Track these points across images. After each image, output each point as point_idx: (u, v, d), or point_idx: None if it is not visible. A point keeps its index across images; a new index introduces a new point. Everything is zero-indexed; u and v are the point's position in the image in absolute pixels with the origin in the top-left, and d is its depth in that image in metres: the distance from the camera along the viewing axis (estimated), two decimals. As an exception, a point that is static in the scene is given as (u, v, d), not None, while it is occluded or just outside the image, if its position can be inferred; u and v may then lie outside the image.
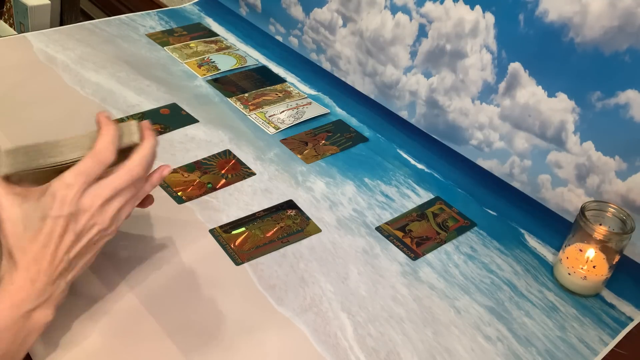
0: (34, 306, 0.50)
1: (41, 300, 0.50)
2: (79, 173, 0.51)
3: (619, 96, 0.71)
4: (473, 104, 0.87)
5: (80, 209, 0.51)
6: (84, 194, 0.51)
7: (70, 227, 0.51)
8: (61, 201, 0.50)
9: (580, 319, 0.67)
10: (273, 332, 0.60)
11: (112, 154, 0.53)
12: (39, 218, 0.50)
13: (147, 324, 0.59)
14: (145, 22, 1.20)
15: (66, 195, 0.50)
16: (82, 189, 0.51)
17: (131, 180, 0.54)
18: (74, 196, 0.51)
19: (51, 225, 0.50)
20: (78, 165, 0.51)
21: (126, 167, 0.54)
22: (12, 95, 0.91)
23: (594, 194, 0.76)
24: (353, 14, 1.01)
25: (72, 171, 0.51)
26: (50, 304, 0.51)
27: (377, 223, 0.77)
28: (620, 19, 0.69)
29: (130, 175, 0.54)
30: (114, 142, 0.53)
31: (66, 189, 0.50)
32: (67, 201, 0.50)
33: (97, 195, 0.52)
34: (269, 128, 0.92)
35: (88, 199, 0.52)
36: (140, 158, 0.55)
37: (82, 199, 0.51)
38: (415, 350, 0.61)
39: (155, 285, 0.63)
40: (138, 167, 0.55)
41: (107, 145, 0.53)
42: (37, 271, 0.50)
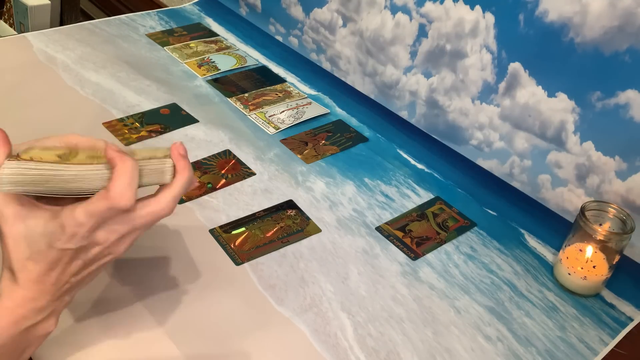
0: (35, 322, 0.48)
1: (43, 316, 0.48)
2: (91, 215, 0.46)
3: (619, 96, 0.71)
4: (473, 104, 0.87)
5: (92, 242, 0.47)
6: (98, 229, 0.47)
7: (80, 257, 0.48)
8: (71, 236, 0.46)
9: (580, 319, 0.67)
10: (273, 332, 0.60)
11: (129, 201, 0.46)
12: (46, 244, 0.46)
13: (147, 324, 0.59)
14: (145, 22, 1.20)
15: (76, 232, 0.46)
16: (94, 227, 0.47)
17: (155, 221, 0.49)
18: (84, 234, 0.46)
19: (58, 255, 0.47)
20: (91, 206, 0.46)
21: (152, 208, 0.49)
22: (12, 95, 0.91)
23: (594, 194, 0.76)
24: (353, 14, 1.01)
25: (85, 210, 0.46)
26: (53, 316, 0.49)
27: (377, 223, 0.77)
28: (620, 19, 0.69)
29: (155, 217, 0.49)
30: (131, 185, 0.46)
31: (76, 227, 0.46)
32: (76, 237, 0.46)
33: (113, 231, 0.48)
34: (269, 128, 0.92)
35: (103, 233, 0.47)
36: (170, 199, 0.49)
37: (97, 233, 0.47)
38: (415, 350, 0.61)
39: (155, 285, 0.63)
40: (166, 210, 0.49)
41: (123, 191, 0.46)
42: (39, 291, 0.47)
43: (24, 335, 0.48)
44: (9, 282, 0.48)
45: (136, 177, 0.47)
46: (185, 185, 0.51)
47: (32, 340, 0.49)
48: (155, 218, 0.49)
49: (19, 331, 0.47)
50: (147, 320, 0.59)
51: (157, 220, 0.49)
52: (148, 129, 0.87)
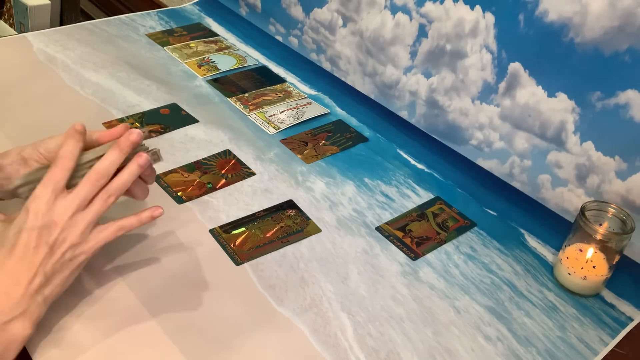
0: (9, 318, 0.50)
1: (17, 313, 0.51)
2: (45, 183, 0.53)
3: (619, 96, 0.71)
4: (473, 104, 0.87)
5: (52, 221, 0.53)
6: (55, 205, 0.53)
7: (44, 239, 0.52)
8: (34, 214, 0.52)
9: (580, 319, 0.67)
10: (273, 332, 0.60)
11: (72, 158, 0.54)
12: (15, 232, 0.52)
13: (147, 324, 0.59)
14: (145, 22, 1.20)
15: (37, 207, 0.53)
16: (51, 198, 0.53)
17: (96, 186, 0.55)
18: (44, 206, 0.53)
19: (26, 238, 0.52)
20: (45, 175, 0.53)
21: (89, 175, 0.55)
22: (12, 95, 0.91)
23: (594, 194, 0.76)
24: (353, 14, 1.01)
25: (40, 183, 0.53)
26: (27, 317, 0.51)
27: (377, 223, 0.77)
28: (620, 19, 0.69)
29: (94, 181, 0.55)
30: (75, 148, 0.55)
31: (36, 201, 0.53)
32: (39, 213, 0.52)
33: (66, 207, 0.53)
34: (269, 128, 0.92)
35: (58, 209, 0.53)
36: (103, 166, 0.55)
37: (53, 209, 0.53)
38: (415, 350, 0.61)
39: (155, 285, 0.63)
40: (101, 174, 0.55)
41: (67, 152, 0.54)
42: (12, 284, 0.51)
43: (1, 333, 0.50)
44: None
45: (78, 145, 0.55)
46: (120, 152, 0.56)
47: (9, 342, 0.50)
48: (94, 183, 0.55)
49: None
50: (147, 321, 0.59)
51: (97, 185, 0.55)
52: (148, 129, 0.87)
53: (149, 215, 0.59)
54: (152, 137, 0.86)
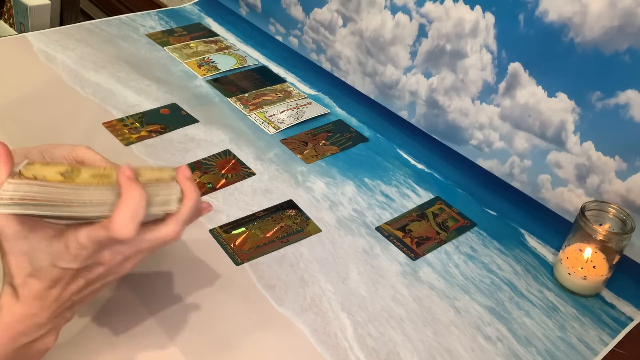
0: (33, 338, 0.47)
1: (42, 333, 0.48)
2: (93, 240, 0.45)
3: (619, 96, 0.71)
4: (473, 104, 0.87)
5: (96, 263, 0.47)
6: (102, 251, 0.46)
7: (83, 275, 0.47)
8: (74, 256, 0.45)
9: (580, 319, 0.67)
10: (273, 332, 0.60)
11: (130, 233, 0.45)
12: (48, 262, 0.45)
13: (147, 323, 0.59)
14: (145, 22, 1.20)
15: (79, 253, 0.45)
16: (96, 251, 0.46)
17: (160, 245, 0.49)
18: (87, 255, 0.46)
19: (60, 274, 0.46)
20: (93, 231, 0.45)
21: (157, 233, 0.48)
22: (12, 95, 0.91)
23: (594, 194, 0.76)
24: (353, 14, 1.01)
25: (87, 234, 0.45)
26: (52, 333, 0.49)
27: (377, 223, 0.77)
28: (620, 19, 0.69)
29: (160, 242, 0.48)
30: (134, 218, 0.45)
31: (79, 249, 0.45)
32: (80, 258, 0.46)
33: (118, 253, 0.47)
34: (269, 128, 0.92)
35: (108, 254, 0.47)
36: (177, 225, 0.48)
37: (101, 254, 0.46)
38: (415, 350, 0.61)
39: (155, 285, 0.63)
40: (172, 236, 0.48)
41: (125, 223, 0.44)
42: (40, 307, 0.47)
43: (22, 351, 0.47)
44: (9, 297, 0.47)
45: (141, 210, 0.45)
46: (192, 209, 0.50)
47: (32, 356, 0.48)
48: (162, 243, 0.48)
49: (17, 347, 0.47)
50: (146, 321, 0.59)
51: (163, 244, 0.49)
52: (148, 129, 0.87)
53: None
54: (152, 137, 0.86)
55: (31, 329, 0.47)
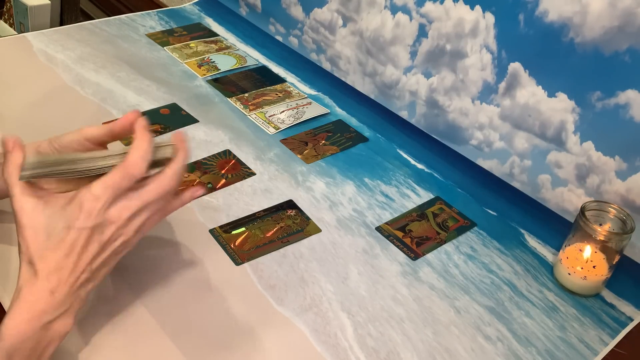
0: (53, 317, 0.49)
1: (61, 311, 0.49)
2: (107, 186, 0.49)
3: (619, 96, 0.71)
4: (473, 104, 0.87)
5: (106, 220, 0.50)
6: (111, 206, 0.50)
7: (95, 238, 0.50)
8: (88, 213, 0.49)
9: (580, 319, 0.67)
10: (273, 332, 0.60)
11: (142, 169, 0.51)
12: (63, 227, 0.49)
13: (147, 323, 0.59)
14: (145, 22, 1.20)
15: (93, 207, 0.49)
16: (109, 201, 0.50)
17: (162, 194, 0.53)
18: (100, 208, 0.49)
19: (75, 236, 0.49)
20: (107, 178, 0.50)
21: (157, 182, 0.53)
22: (12, 95, 0.91)
23: (594, 194, 0.76)
24: (353, 14, 1.01)
25: (101, 183, 0.49)
26: (70, 313, 0.50)
27: (377, 223, 0.77)
28: (620, 19, 0.69)
29: (161, 189, 0.53)
30: (146, 156, 0.51)
31: (94, 201, 0.49)
32: (93, 213, 0.49)
33: (125, 208, 0.51)
34: (269, 128, 0.92)
35: (116, 211, 0.50)
36: (172, 173, 0.53)
37: (110, 210, 0.50)
38: (415, 350, 0.61)
39: (155, 285, 0.63)
40: (170, 182, 0.53)
41: (139, 160, 0.51)
42: (57, 281, 0.49)
43: (44, 331, 0.49)
44: (27, 275, 0.49)
45: (150, 152, 0.52)
46: (184, 160, 0.55)
47: (51, 339, 0.50)
48: (162, 191, 0.53)
49: (40, 326, 0.48)
50: (146, 320, 0.59)
51: (162, 193, 0.53)
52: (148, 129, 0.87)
53: (190, 196, 0.58)
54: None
55: (51, 305, 0.49)
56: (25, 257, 0.49)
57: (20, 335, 0.47)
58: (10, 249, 0.64)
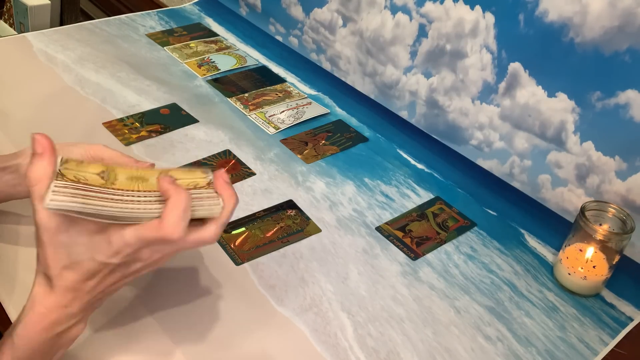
0: (66, 327, 0.48)
1: (74, 322, 0.49)
2: (140, 239, 0.46)
3: (619, 96, 0.71)
4: (473, 104, 0.87)
5: (135, 259, 0.48)
6: (144, 249, 0.47)
7: (120, 270, 0.48)
8: (116, 252, 0.47)
9: (580, 319, 0.67)
10: (273, 332, 0.60)
11: (180, 234, 0.46)
12: (88, 256, 0.46)
13: (147, 323, 0.59)
14: (145, 22, 1.20)
15: (122, 250, 0.47)
16: (140, 248, 0.47)
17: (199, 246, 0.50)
18: (130, 252, 0.47)
19: (99, 267, 0.47)
20: (142, 231, 0.46)
21: (200, 238, 0.49)
22: (12, 95, 0.91)
23: (594, 194, 0.76)
24: (353, 14, 1.01)
25: (135, 233, 0.46)
26: (83, 321, 0.50)
27: (377, 223, 0.77)
28: (620, 19, 0.69)
29: (201, 244, 0.50)
30: (184, 219, 0.47)
31: (124, 246, 0.46)
32: (121, 254, 0.47)
33: (158, 251, 0.48)
34: (269, 128, 0.92)
35: (148, 252, 0.48)
36: (218, 229, 0.50)
37: (141, 252, 0.48)
38: (415, 350, 0.61)
39: (155, 285, 0.63)
40: (212, 239, 0.50)
41: (176, 224, 0.46)
42: (73, 298, 0.48)
43: (55, 339, 0.48)
44: (43, 287, 0.48)
45: (189, 211, 0.47)
46: (232, 213, 0.51)
47: (63, 343, 0.50)
48: (201, 244, 0.50)
49: (51, 336, 0.48)
50: (147, 320, 0.59)
51: (202, 245, 0.50)
52: (148, 129, 0.87)
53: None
54: (152, 137, 0.86)
55: (63, 318, 0.48)
56: (41, 269, 0.48)
57: (33, 344, 0.47)
58: (14, 250, 0.64)
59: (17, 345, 0.47)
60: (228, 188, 0.51)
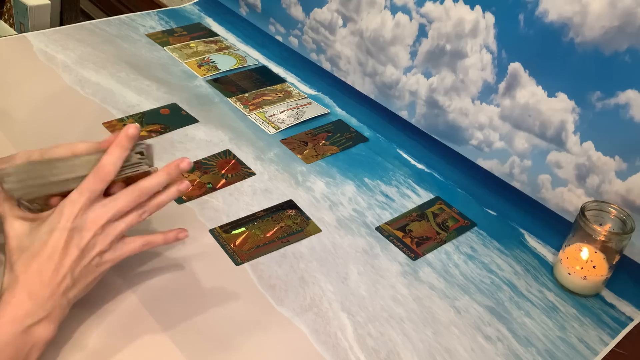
0: (35, 321, 0.50)
1: (42, 315, 0.50)
2: (82, 190, 0.53)
3: (619, 96, 0.71)
4: (473, 104, 0.87)
5: (84, 225, 0.53)
6: (88, 210, 0.53)
7: (75, 242, 0.53)
8: (67, 216, 0.52)
9: (580, 319, 0.67)
10: (273, 332, 0.60)
11: (112, 172, 0.54)
12: (46, 231, 0.52)
13: (147, 323, 0.59)
14: (145, 22, 1.20)
15: (71, 210, 0.53)
16: (86, 205, 0.53)
17: (133, 203, 0.56)
18: (78, 211, 0.53)
19: (57, 237, 0.52)
20: (82, 183, 0.54)
21: (129, 190, 0.55)
22: (12, 95, 0.91)
23: (594, 194, 0.76)
24: (353, 14, 1.01)
25: (77, 189, 0.53)
26: (52, 320, 0.51)
27: (377, 223, 0.77)
28: (620, 19, 0.69)
29: (132, 198, 0.55)
30: (117, 161, 0.55)
31: (71, 205, 0.53)
32: (72, 216, 0.52)
33: (101, 215, 0.54)
34: (269, 128, 0.92)
35: (92, 215, 0.53)
36: (146, 186, 0.56)
37: (87, 214, 0.53)
38: (415, 350, 0.61)
39: (156, 285, 0.63)
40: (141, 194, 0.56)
41: (110, 164, 0.54)
42: (39, 283, 0.50)
43: (24, 335, 0.49)
44: (9, 281, 0.50)
45: (121, 158, 0.55)
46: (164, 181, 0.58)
47: (33, 345, 0.50)
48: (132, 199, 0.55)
49: (21, 329, 0.49)
50: (146, 320, 0.59)
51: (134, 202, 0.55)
52: (148, 129, 0.87)
53: (175, 236, 0.60)
54: (152, 137, 0.86)
55: (31, 308, 0.50)
56: (8, 265, 0.52)
57: (1, 339, 0.48)
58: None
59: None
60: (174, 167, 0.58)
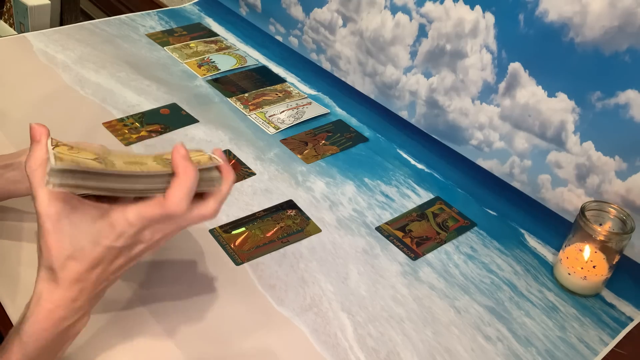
0: (73, 321, 0.48)
1: (80, 315, 0.49)
2: (143, 217, 0.46)
3: (619, 96, 0.71)
4: (473, 104, 0.87)
5: (138, 241, 0.48)
6: (145, 229, 0.47)
7: (123, 254, 0.48)
8: (119, 235, 0.46)
9: (580, 319, 0.67)
10: (273, 332, 0.60)
11: (183, 210, 0.47)
12: (90, 241, 0.46)
13: (147, 323, 0.59)
14: (145, 22, 1.20)
15: (126, 231, 0.46)
16: (143, 229, 0.47)
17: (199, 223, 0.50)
18: (133, 233, 0.47)
19: (103, 253, 0.47)
20: (144, 209, 0.46)
21: (198, 212, 0.49)
22: (12, 95, 0.91)
23: (594, 194, 0.76)
24: (353, 14, 1.01)
25: (137, 212, 0.46)
26: (87, 313, 0.50)
27: (377, 223, 0.77)
28: (620, 19, 0.69)
29: (201, 220, 0.50)
30: (189, 196, 0.47)
31: (127, 227, 0.46)
32: (124, 236, 0.47)
33: (159, 231, 0.48)
34: (269, 128, 0.92)
35: (149, 233, 0.48)
36: (217, 204, 0.50)
37: (143, 233, 0.47)
38: (415, 350, 0.61)
39: (156, 285, 0.63)
40: (212, 215, 0.50)
41: (180, 200, 0.46)
42: (79, 291, 0.47)
43: (62, 334, 0.48)
44: (47, 282, 0.47)
45: (194, 189, 0.47)
46: (230, 189, 0.52)
47: (69, 336, 0.50)
48: (201, 220, 0.50)
49: (59, 331, 0.48)
50: (146, 320, 0.59)
51: (201, 222, 0.50)
52: (148, 129, 0.87)
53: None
54: (152, 137, 0.86)
55: (71, 312, 0.48)
56: (45, 262, 0.47)
57: (42, 341, 0.47)
58: (16, 247, 0.64)
59: (25, 343, 0.47)
60: (225, 164, 0.52)
